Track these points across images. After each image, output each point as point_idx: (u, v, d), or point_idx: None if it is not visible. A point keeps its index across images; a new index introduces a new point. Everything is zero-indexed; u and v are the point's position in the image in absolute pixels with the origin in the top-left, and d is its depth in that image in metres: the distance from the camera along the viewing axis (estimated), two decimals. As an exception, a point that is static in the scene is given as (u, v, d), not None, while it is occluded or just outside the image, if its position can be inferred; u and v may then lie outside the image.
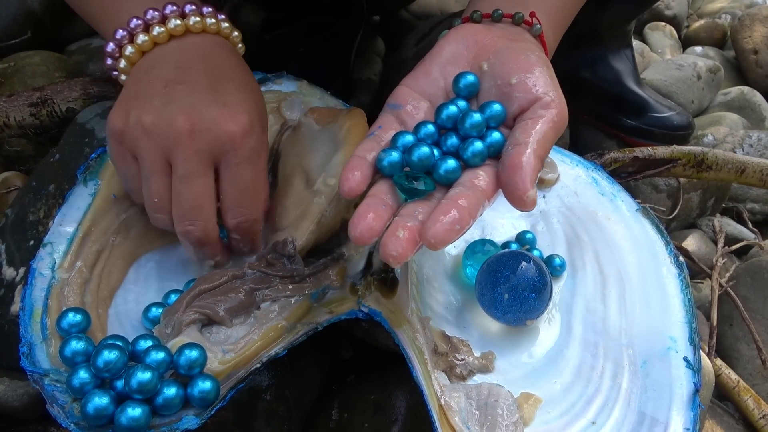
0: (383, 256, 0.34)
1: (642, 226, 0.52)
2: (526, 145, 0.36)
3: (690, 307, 0.47)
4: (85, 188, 0.48)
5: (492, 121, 0.39)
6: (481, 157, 0.38)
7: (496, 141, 0.39)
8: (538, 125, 0.37)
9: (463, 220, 0.34)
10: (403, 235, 0.34)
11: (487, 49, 0.42)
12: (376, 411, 0.51)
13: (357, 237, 0.35)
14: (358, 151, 0.39)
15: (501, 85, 0.40)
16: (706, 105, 1.06)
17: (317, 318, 0.44)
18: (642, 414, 0.43)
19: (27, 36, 0.78)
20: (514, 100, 0.39)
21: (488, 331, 0.48)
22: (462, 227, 0.34)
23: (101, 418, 0.37)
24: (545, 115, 0.38)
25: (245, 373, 0.40)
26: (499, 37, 0.43)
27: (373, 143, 0.40)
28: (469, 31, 0.44)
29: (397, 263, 0.34)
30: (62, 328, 0.41)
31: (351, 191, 0.37)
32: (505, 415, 0.41)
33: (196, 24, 0.47)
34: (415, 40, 0.90)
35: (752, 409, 0.61)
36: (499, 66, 0.41)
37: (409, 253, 0.34)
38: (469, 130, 0.39)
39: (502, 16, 0.44)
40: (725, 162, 0.69)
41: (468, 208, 0.35)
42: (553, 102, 0.39)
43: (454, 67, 0.43)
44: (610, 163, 0.66)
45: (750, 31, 1.17)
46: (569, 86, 0.86)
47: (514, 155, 0.36)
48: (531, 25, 0.44)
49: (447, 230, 0.33)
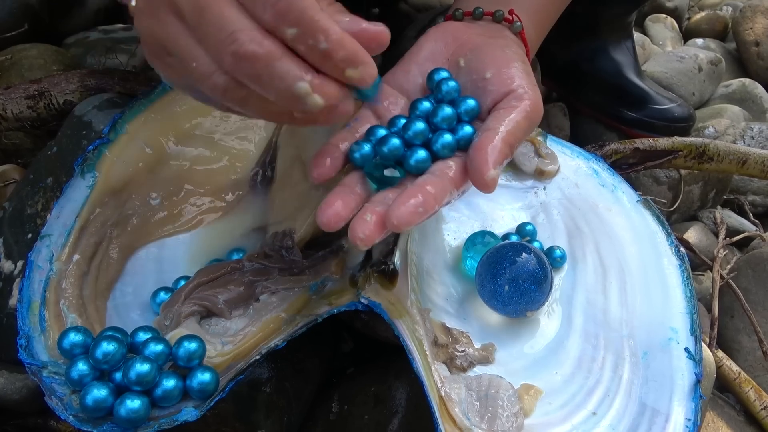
0: (351, 239, 0.34)
1: (643, 217, 0.52)
2: (495, 131, 0.37)
3: (691, 298, 0.47)
4: (82, 180, 0.47)
5: (466, 115, 0.40)
6: (450, 149, 0.39)
7: (467, 134, 0.39)
8: (511, 114, 0.38)
9: (427, 203, 0.34)
10: (371, 218, 0.35)
11: (465, 45, 0.43)
12: (376, 403, 0.51)
13: (324, 223, 0.35)
14: (332, 140, 0.40)
15: (476, 79, 0.41)
16: (707, 97, 1.05)
17: (317, 310, 0.44)
18: (643, 405, 0.42)
19: (24, 28, 0.78)
20: (488, 94, 0.40)
21: (488, 322, 0.48)
22: (426, 210, 0.34)
23: (100, 410, 0.36)
24: (518, 105, 0.39)
25: (245, 365, 0.40)
26: (478, 34, 0.43)
27: (347, 134, 0.41)
28: (448, 29, 0.44)
29: (364, 245, 0.34)
30: (64, 349, 0.39)
31: (320, 176, 0.38)
32: (506, 406, 0.41)
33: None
34: (415, 32, 0.90)
35: (753, 400, 0.61)
36: (474, 61, 0.42)
37: (377, 236, 0.34)
38: (440, 122, 0.40)
39: (483, 14, 0.45)
40: (726, 153, 0.68)
41: (434, 194, 0.35)
42: (526, 94, 0.39)
43: (433, 63, 0.43)
44: (610, 154, 0.66)
45: (751, 22, 1.16)
46: (570, 78, 0.87)
47: (482, 138, 0.37)
48: (511, 22, 0.45)
49: (411, 212, 0.34)
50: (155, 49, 0.35)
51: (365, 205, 0.36)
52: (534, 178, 0.56)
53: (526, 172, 0.56)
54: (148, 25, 0.34)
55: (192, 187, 0.51)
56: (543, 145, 0.56)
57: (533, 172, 0.56)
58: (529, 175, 0.56)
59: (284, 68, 0.31)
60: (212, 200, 0.51)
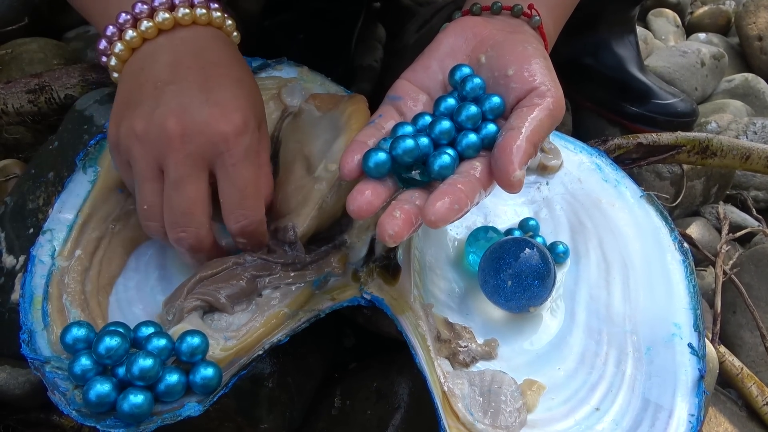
0: (380, 236, 0.35)
1: (646, 212, 0.52)
2: (519, 130, 0.37)
3: (695, 294, 0.47)
4: (84, 175, 0.47)
5: (490, 113, 0.40)
6: (474, 149, 0.39)
7: (491, 132, 0.39)
8: (534, 112, 0.38)
9: (461, 201, 0.35)
10: (400, 215, 0.35)
11: (485, 41, 0.43)
12: (378, 398, 0.51)
13: (354, 210, 0.36)
14: (359, 137, 0.40)
15: (498, 76, 0.41)
16: (709, 92, 1.05)
17: (319, 305, 0.44)
18: (646, 400, 0.42)
19: (24, 22, 0.77)
20: (511, 91, 0.40)
21: (491, 318, 0.48)
22: (461, 208, 0.35)
23: (103, 405, 0.36)
24: (541, 103, 0.38)
25: (247, 360, 0.40)
26: (498, 30, 0.43)
27: (373, 130, 0.41)
28: (467, 24, 0.44)
29: (393, 242, 0.35)
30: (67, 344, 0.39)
31: (351, 173, 0.38)
32: (509, 401, 0.41)
33: (186, 16, 0.44)
34: (417, 27, 0.89)
35: (756, 395, 0.61)
36: (496, 58, 0.41)
37: (405, 233, 0.35)
38: (465, 122, 0.39)
39: (501, 8, 0.45)
40: (730, 148, 0.68)
41: (466, 192, 0.36)
42: (549, 91, 0.39)
43: (453, 60, 0.43)
44: (613, 149, 0.66)
45: (755, 17, 1.16)
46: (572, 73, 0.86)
47: (506, 138, 0.37)
48: (530, 17, 0.45)
49: (447, 209, 0.35)
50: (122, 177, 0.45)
51: (392, 202, 0.37)
52: (537, 173, 0.56)
53: (529, 167, 0.55)
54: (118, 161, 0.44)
55: (194, 181, 0.51)
56: (546, 140, 0.56)
57: (536, 167, 0.56)
58: (532, 170, 0.56)
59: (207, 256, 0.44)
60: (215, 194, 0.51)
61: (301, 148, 0.51)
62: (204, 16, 0.45)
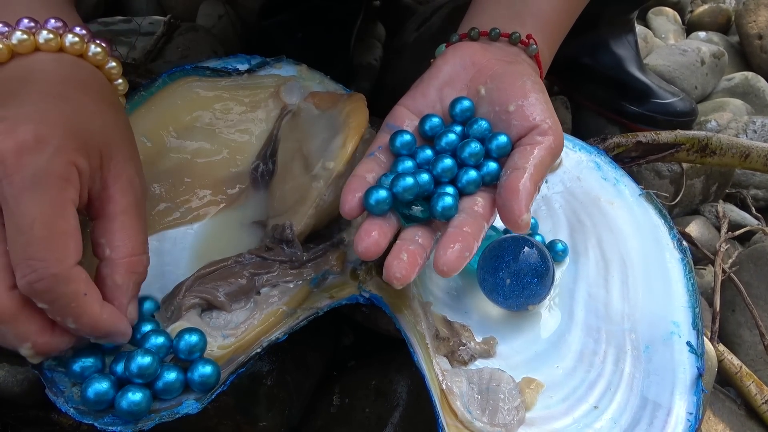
0: (387, 278, 0.36)
1: (645, 210, 0.52)
2: (524, 170, 0.37)
3: (693, 292, 0.47)
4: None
5: (495, 152, 0.40)
6: (475, 185, 0.39)
7: (492, 171, 0.40)
8: (536, 151, 0.39)
9: (469, 246, 0.36)
10: (406, 258, 0.36)
11: (484, 71, 0.43)
12: (377, 396, 0.51)
13: (362, 252, 0.36)
14: (359, 171, 0.40)
15: (499, 111, 0.41)
16: (709, 91, 1.05)
17: (318, 303, 0.44)
18: (644, 398, 0.42)
19: None
20: (512, 128, 0.40)
21: (490, 316, 0.48)
22: (471, 253, 0.36)
23: (102, 403, 0.36)
24: (543, 141, 0.39)
25: (246, 358, 0.40)
26: (497, 59, 0.44)
27: (372, 164, 0.41)
28: (466, 51, 0.44)
29: (400, 285, 0.36)
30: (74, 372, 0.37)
31: (352, 211, 0.38)
32: (507, 399, 0.41)
33: (50, 41, 0.37)
34: (416, 25, 0.89)
35: (754, 394, 0.61)
36: (496, 92, 0.42)
37: (412, 275, 0.36)
38: (467, 158, 0.40)
39: (500, 35, 0.45)
40: (729, 147, 0.68)
41: (473, 234, 0.37)
42: (550, 129, 0.40)
43: (451, 89, 0.44)
44: (613, 147, 0.66)
45: (755, 15, 1.16)
46: (572, 72, 0.86)
47: (512, 179, 0.37)
48: (527, 45, 0.45)
49: (457, 257, 0.35)
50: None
51: (397, 242, 0.37)
52: (536, 172, 0.56)
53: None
54: None
55: (192, 179, 0.51)
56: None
57: (535, 165, 0.55)
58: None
59: (14, 331, 0.32)
60: (212, 193, 0.51)
61: (299, 146, 0.51)
62: (76, 45, 0.38)
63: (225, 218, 0.51)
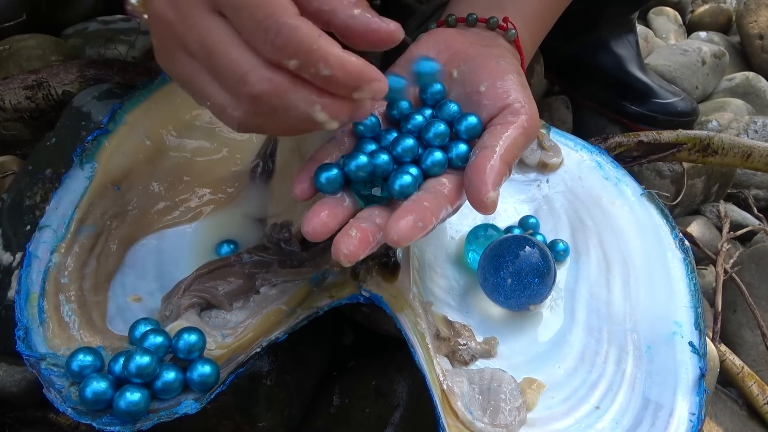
0: (335, 255, 0.33)
1: (647, 210, 0.52)
2: (493, 149, 0.36)
3: (695, 292, 0.47)
4: (81, 171, 0.47)
5: (465, 133, 0.39)
6: (441, 166, 0.37)
7: (462, 152, 0.38)
8: (508, 131, 0.37)
9: (426, 219, 0.34)
10: (355, 234, 0.33)
11: (458, 55, 0.42)
12: (377, 396, 0.51)
13: (308, 232, 0.34)
14: (317, 155, 0.38)
15: (470, 92, 0.40)
16: (710, 91, 1.04)
17: (317, 302, 0.44)
18: (646, 399, 0.42)
19: (22, 19, 0.77)
20: (483, 108, 0.39)
21: (491, 316, 0.48)
22: (425, 226, 0.34)
23: (100, 403, 0.36)
24: (515, 121, 0.37)
25: (245, 358, 0.40)
26: (471, 43, 0.42)
27: (333, 148, 0.39)
28: (441, 36, 0.43)
29: (348, 262, 0.33)
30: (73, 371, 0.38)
31: (303, 193, 0.36)
32: (508, 399, 0.41)
33: None
34: (417, 24, 0.89)
35: (756, 394, 0.61)
36: (468, 73, 0.40)
37: (361, 253, 0.33)
38: (432, 139, 0.38)
39: (477, 20, 0.44)
40: (731, 146, 0.68)
41: (431, 209, 0.35)
42: (523, 108, 0.38)
43: None
44: (614, 147, 0.65)
45: (755, 15, 1.15)
46: (572, 72, 0.86)
47: (479, 158, 0.36)
48: (506, 30, 0.44)
49: (411, 228, 0.33)
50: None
51: (350, 220, 0.35)
52: (537, 171, 0.56)
53: (529, 165, 0.55)
54: (164, 64, 0.36)
55: (192, 178, 0.51)
56: (546, 138, 0.56)
57: (536, 164, 0.55)
58: (532, 167, 0.55)
59: (296, 99, 0.32)
60: (212, 192, 0.51)
61: (298, 145, 0.51)
62: None
63: (224, 217, 0.50)
